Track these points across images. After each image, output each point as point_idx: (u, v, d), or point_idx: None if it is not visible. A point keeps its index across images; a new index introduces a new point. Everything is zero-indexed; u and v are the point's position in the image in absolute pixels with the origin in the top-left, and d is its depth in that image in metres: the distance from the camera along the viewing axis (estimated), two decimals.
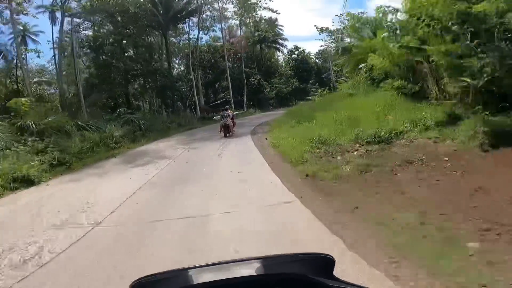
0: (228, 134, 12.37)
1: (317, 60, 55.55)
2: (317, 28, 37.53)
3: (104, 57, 17.51)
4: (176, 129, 17.72)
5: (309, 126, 9.70)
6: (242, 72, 32.68)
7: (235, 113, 15.99)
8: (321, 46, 41.55)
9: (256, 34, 38.68)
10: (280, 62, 52.90)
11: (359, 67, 12.37)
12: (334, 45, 40.33)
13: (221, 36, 32.25)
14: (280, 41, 44.98)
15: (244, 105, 31.24)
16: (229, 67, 34.77)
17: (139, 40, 18.53)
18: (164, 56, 23.16)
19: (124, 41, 18.00)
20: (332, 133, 7.63)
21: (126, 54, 18.75)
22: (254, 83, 34.86)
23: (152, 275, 0.76)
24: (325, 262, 0.79)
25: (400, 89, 9.07)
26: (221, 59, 32.35)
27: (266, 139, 10.29)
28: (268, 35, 40.12)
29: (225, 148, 9.88)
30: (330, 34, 38.75)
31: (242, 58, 33.42)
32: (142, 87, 20.50)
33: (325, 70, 65.28)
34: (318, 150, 6.81)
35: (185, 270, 0.80)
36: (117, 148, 11.33)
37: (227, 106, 15.28)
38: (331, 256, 0.79)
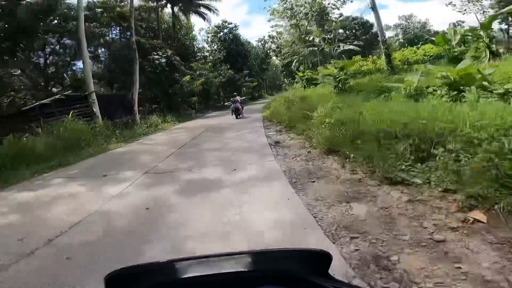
0: (238, 116, 13.76)
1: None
2: None
3: None
4: None
5: None
6: (132, 39, 15.70)
7: None
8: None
9: None
10: (199, 42, 37.50)
11: None
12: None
13: None
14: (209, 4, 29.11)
15: (135, 108, 14.54)
16: (97, 34, 17.66)
17: None
18: None
19: None
20: None
21: None
22: (158, 63, 18.30)
23: (132, 266, 0.71)
24: (321, 258, 0.76)
25: None
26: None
27: None
28: None
29: None
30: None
31: (131, 17, 16.24)
32: None
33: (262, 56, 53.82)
34: None
35: (171, 262, 0.74)
36: None
37: (235, 93, 16.81)
38: (328, 253, 0.76)
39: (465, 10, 24.10)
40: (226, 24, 36.38)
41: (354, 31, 42.85)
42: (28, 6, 11.24)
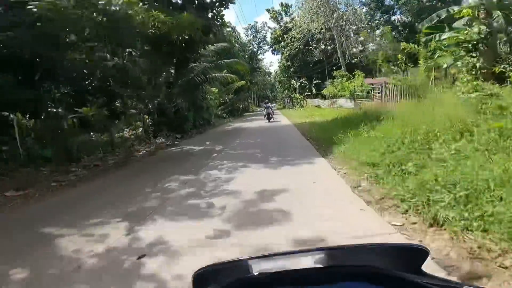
0: (270, 120, 17.22)
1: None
2: None
3: None
4: None
5: None
6: None
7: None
8: None
9: None
10: None
11: None
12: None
13: None
14: None
15: None
16: None
17: None
18: None
19: None
20: None
21: None
22: None
23: (213, 264, 0.74)
24: (416, 254, 0.68)
25: None
26: None
27: None
28: None
29: None
30: None
31: None
32: None
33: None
34: None
35: (252, 259, 0.73)
36: None
37: (267, 100, 25.79)
38: (425, 248, 0.69)
39: None
40: None
41: None
42: None
